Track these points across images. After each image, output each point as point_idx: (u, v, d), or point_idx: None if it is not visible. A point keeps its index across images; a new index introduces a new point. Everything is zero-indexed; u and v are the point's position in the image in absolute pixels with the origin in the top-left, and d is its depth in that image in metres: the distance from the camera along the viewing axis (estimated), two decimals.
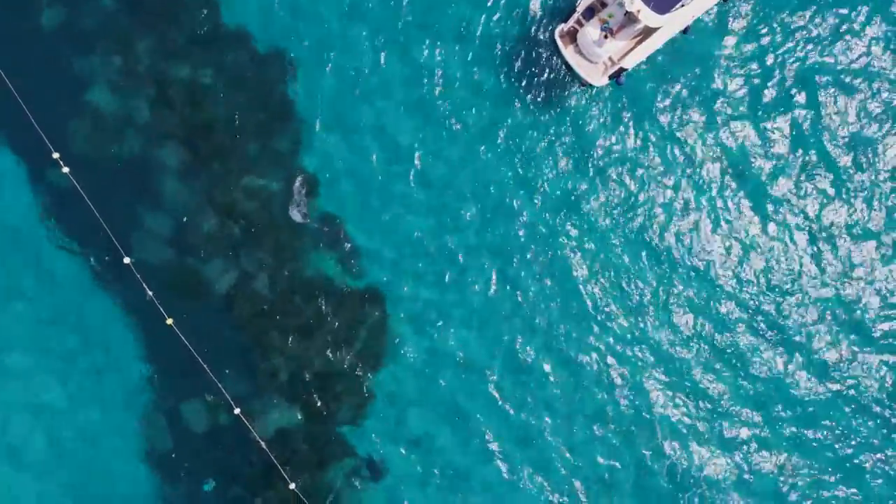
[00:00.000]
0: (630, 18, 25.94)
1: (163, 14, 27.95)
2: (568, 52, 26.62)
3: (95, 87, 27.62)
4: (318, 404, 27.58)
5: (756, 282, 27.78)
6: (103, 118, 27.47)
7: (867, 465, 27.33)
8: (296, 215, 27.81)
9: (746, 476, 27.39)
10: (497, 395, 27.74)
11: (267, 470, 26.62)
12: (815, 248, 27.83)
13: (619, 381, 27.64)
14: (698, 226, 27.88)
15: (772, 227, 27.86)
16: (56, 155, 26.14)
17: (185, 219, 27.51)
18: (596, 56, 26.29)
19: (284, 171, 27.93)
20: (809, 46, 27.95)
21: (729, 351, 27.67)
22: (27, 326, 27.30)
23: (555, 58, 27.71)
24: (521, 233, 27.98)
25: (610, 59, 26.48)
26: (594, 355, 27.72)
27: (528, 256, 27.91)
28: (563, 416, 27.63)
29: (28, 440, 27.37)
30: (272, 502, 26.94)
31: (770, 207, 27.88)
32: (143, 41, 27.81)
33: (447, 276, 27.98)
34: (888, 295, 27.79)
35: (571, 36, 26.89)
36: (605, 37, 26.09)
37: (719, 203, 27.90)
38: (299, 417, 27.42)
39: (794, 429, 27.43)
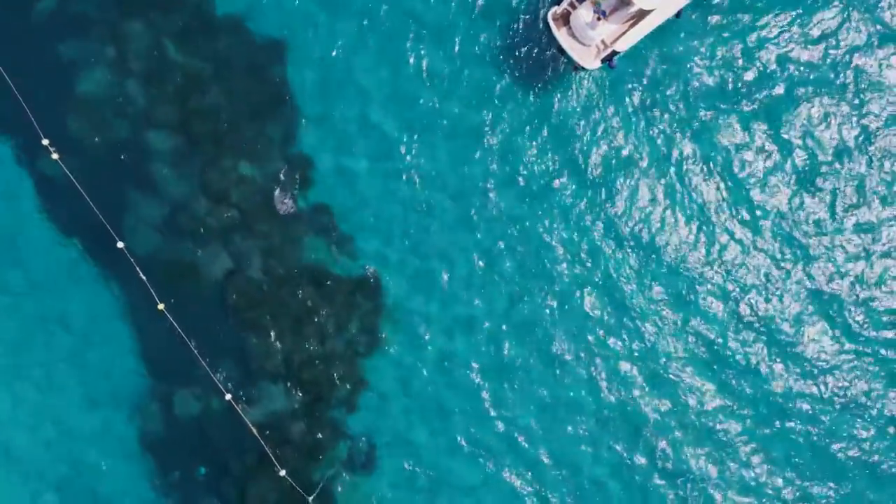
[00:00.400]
0: (623, 1, 25.61)
1: (156, 1, 27.71)
2: (561, 35, 26.32)
3: (88, 74, 27.50)
4: (310, 392, 27.56)
5: (741, 274, 27.57)
6: (95, 105, 27.39)
7: (853, 459, 27.26)
8: (286, 204, 27.66)
9: (732, 469, 27.33)
10: (487, 385, 27.64)
11: (258, 456, 26.70)
12: (802, 243, 27.60)
13: (608, 374, 27.63)
14: (687, 216, 27.62)
15: (762, 223, 27.66)
16: (46, 141, 26.18)
17: (177, 205, 27.44)
18: (589, 39, 25.99)
19: (277, 159, 27.79)
20: (803, 37, 27.62)
21: (714, 344, 27.53)
22: (17, 313, 27.44)
23: (547, 41, 27.38)
24: (512, 220, 27.76)
25: (602, 42, 26.17)
26: (586, 347, 27.64)
27: (519, 246, 27.72)
28: (552, 408, 27.58)
29: (17, 428, 27.53)
30: (263, 488, 26.95)
31: (757, 199, 27.66)
32: (136, 28, 27.62)
33: (438, 266, 27.82)
34: (871, 287, 27.60)
35: (564, 18, 26.56)
36: (598, 19, 25.77)
37: (706, 191, 27.66)
38: (290, 404, 27.40)
39: (779, 422, 27.34)
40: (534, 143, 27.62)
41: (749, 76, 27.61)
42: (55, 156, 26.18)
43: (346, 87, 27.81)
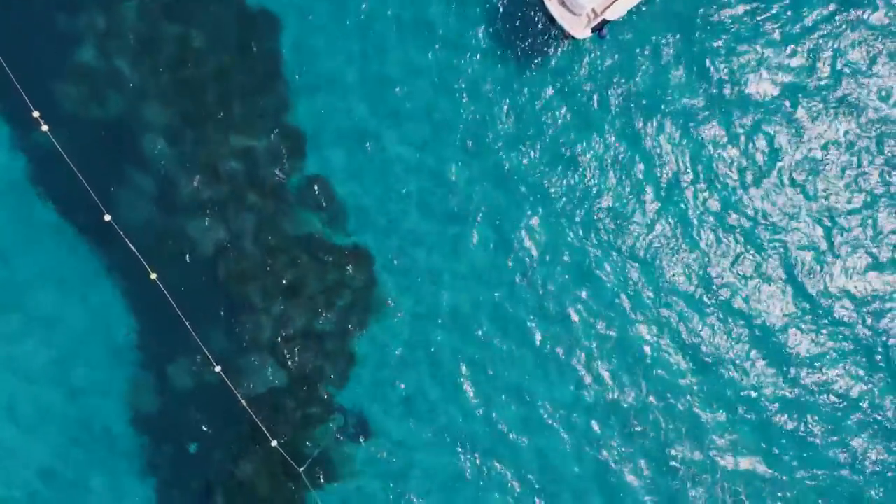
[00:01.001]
0: None
1: None
2: (551, 4, 26.16)
3: (78, 46, 27.48)
4: (303, 364, 27.56)
5: (724, 262, 27.42)
6: (87, 77, 27.42)
7: (834, 445, 27.06)
8: (277, 178, 27.66)
9: (715, 458, 27.16)
10: (484, 357, 27.54)
11: (249, 429, 26.71)
12: (782, 228, 27.42)
13: (589, 362, 27.55)
14: (669, 201, 27.41)
15: (744, 209, 27.51)
16: (36, 113, 26.17)
17: (168, 179, 27.44)
18: (579, 7, 25.80)
19: (268, 133, 27.75)
20: (793, 28, 27.40)
21: (697, 333, 27.39)
22: (8, 287, 27.50)
23: (538, 9, 27.23)
24: (513, 189, 27.65)
25: (593, 10, 25.98)
26: (591, 319, 27.54)
27: (523, 215, 27.60)
28: (547, 383, 27.43)
29: (10, 402, 27.62)
30: (256, 461, 27.00)
31: (739, 185, 27.48)
32: (127, 1, 27.52)
33: (434, 238, 27.74)
34: (853, 277, 27.37)
35: None
36: None
37: (684, 172, 27.44)
38: (283, 377, 27.43)
39: (761, 411, 27.16)
40: (529, 110, 27.45)
41: (735, 63, 27.33)
42: (45, 127, 26.16)
43: (338, 62, 27.72)
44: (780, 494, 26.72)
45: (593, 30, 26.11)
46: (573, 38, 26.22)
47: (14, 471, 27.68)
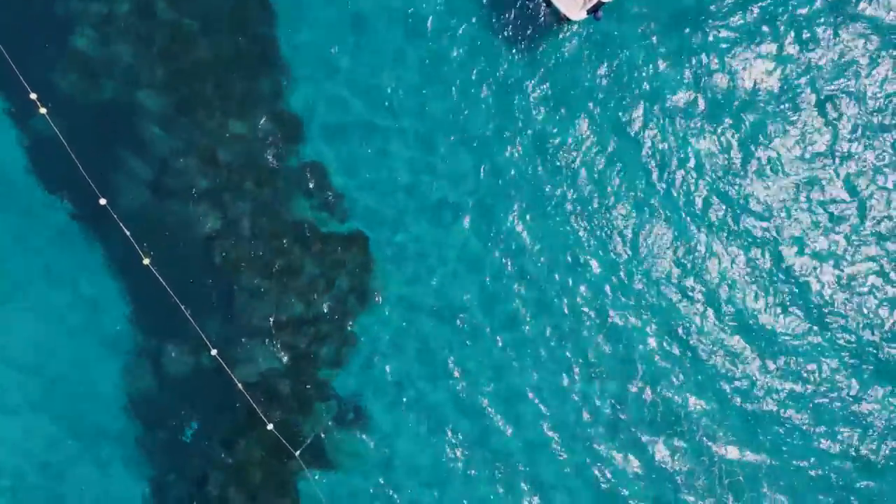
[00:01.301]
0: None
1: None
2: None
3: (75, 31, 27.51)
4: (299, 348, 27.42)
5: (707, 250, 27.49)
6: (83, 61, 27.42)
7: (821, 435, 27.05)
8: (274, 163, 27.66)
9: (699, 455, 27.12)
10: (480, 342, 27.49)
11: (245, 412, 26.49)
12: (771, 218, 27.50)
13: (584, 356, 27.55)
14: (666, 185, 27.47)
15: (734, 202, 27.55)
16: (34, 96, 26.12)
17: (165, 163, 27.43)
18: None
19: (266, 118, 27.77)
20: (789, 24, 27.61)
21: (684, 322, 27.39)
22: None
23: None
24: (505, 176, 27.70)
25: None
26: (581, 307, 27.45)
27: (514, 202, 27.63)
28: (546, 367, 27.35)
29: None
30: (252, 444, 26.79)
31: (733, 177, 27.61)
32: None
33: (430, 222, 27.76)
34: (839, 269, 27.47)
35: None
36: None
37: (670, 161, 27.56)
38: (279, 361, 27.28)
39: (747, 402, 27.18)
40: (524, 95, 27.49)
41: (731, 51, 27.42)
42: (42, 110, 26.10)
43: (337, 43, 27.84)
44: (775, 479, 26.62)
45: (589, 12, 26.27)
46: (568, 20, 26.37)
47: (5, 459, 27.40)
